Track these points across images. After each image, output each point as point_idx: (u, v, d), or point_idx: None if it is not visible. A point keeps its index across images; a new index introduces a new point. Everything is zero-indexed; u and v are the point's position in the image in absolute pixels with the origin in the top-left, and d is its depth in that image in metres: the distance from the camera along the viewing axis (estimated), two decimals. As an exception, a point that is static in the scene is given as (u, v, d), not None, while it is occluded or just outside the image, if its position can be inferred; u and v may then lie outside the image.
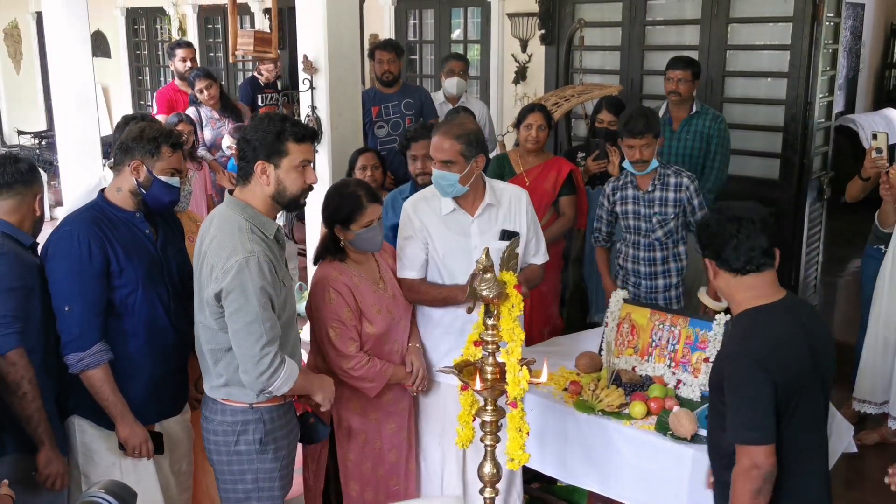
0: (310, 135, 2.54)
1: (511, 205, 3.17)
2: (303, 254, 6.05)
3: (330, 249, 3.01)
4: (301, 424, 2.76)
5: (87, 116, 6.60)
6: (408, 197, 3.54)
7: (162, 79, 9.94)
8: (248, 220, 2.48)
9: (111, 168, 2.82)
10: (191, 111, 5.86)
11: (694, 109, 4.63)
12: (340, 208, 2.93)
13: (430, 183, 3.21)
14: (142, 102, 10.46)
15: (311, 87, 4.79)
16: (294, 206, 2.58)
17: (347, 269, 2.99)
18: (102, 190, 2.78)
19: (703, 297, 3.50)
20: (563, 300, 4.55)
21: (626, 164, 3.85)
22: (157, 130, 2.73)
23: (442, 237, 3.12)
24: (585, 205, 4.43)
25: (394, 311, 3.07)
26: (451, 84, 5.71)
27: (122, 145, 2.73)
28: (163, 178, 2.69)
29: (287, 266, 2.66)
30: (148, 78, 10.40)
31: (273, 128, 2.47)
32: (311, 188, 2.57)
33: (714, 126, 4.56)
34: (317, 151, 4.87)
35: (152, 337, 2.70)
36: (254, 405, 2.55)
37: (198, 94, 5.93)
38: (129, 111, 10.49)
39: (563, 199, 4.27)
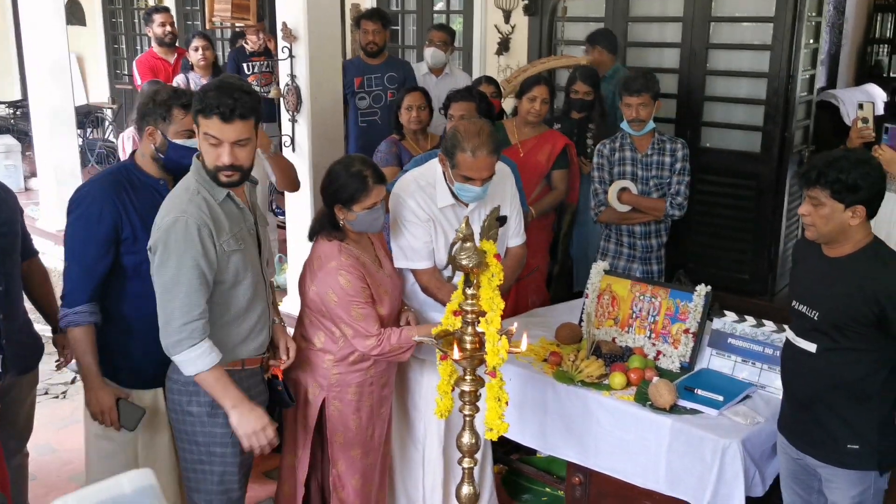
0: None
1: (496, 185, 3.14)
2: (282, 226, 6.00)
3: (327, 228, 2.90)
4: (268, 388, 2.72)
5: (62, 85, 6.51)
6: None
7: (138, 47, 9.76)
8: (199, 182, 2.46)
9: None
10: (180, 79, 5.73)
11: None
12: (345, 188, 2.82)
13: None
14: (118, 71, 10.29)
15: (291, 56, 4.72)
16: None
17: (350, 250, 2.89)
18: (133, 152, 2.79)
19: (614, 201, 3.90)
20: (550, 274, 4.53)
21: (623, 124, 3.90)
22: (168, 93, 2.70)
23: (441, 229, 3.09)
24: (578, 180, 4.40)
25: (395, 292, 3.02)
26: (428, 54, 5.66)
27: (139, 111, 2.73)
28: (178, 141, 2.66)
29: (251, 232, 2.59)
30: (124, 46, 10.22)
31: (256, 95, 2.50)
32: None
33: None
34: (296, 122, 4.81)
35: None
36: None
37: (192, 53, 5.77)
38: (105, 80, 10.34)
39: (555, 172, 4.24)
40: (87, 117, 9.27)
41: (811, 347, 2.49)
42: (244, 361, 2.60)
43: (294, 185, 4.09)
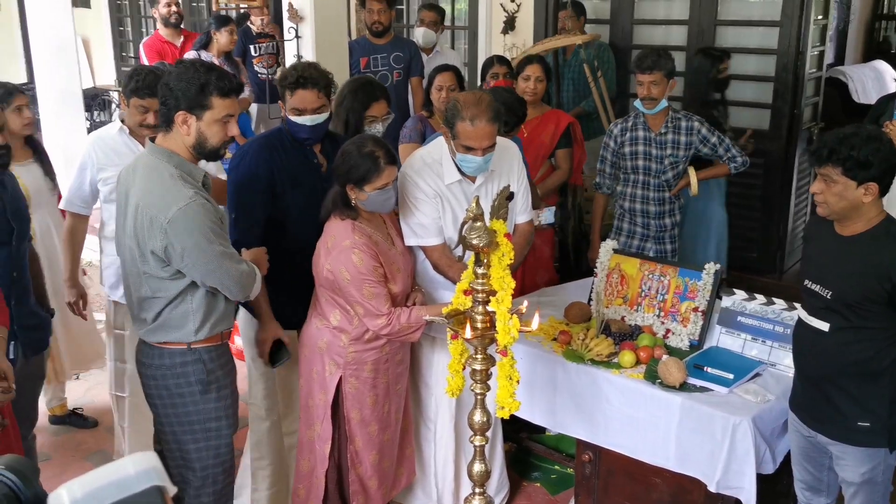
0: (235, 89, 2.51)
1: (503, 161, 3.13)
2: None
3: (340, 207, 2.91)
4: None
5: (68, 68, 6.50)
6: None
7: (144, 30, 9.73)
8: (177, 168, 2.47)
9: None
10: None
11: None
12: (356, 168, 2.82)
13: None
14: (123, 54, 10.27)
15: (297, 37, 4.72)
16: (214, 156, 2.57)
17: (363, 228, 2.90)
18: None
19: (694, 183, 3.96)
20: (565, 252, 4.54)
21: (636, 103, 3.90)
22: (290, 71, 3.07)
23: (449, 206, 3.08)
24: (584, 160, 4.40)
25: (407, 269, 3.03)
26: (419, 34, 5.71)
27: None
28: (291, 116, 3.00)
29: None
30: (130, 29, 10.18)
31: (197, 79, 2.42)
32: (232, 140, 2.57)
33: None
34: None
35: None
36: (191, 345, 2.57)
37: (224, 35, 5.75)
38: (111, 63, 10.32)
39: (559, 152, 4.24)
40: (94, 100, 9.26)
41: (824, 326, 2.49)
42: (223, 335, 2.68)
43: None
